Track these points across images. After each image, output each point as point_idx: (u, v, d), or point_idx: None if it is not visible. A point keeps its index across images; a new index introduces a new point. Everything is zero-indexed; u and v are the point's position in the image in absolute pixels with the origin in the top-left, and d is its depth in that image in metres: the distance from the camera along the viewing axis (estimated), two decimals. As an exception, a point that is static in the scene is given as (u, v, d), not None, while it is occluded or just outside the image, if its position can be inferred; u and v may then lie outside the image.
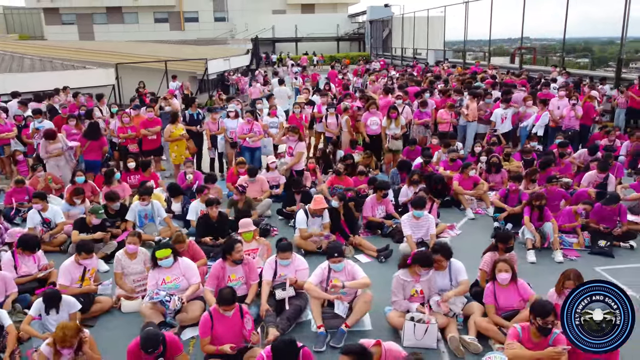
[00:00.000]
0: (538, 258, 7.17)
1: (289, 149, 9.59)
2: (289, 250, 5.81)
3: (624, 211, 7.67)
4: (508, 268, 5.26)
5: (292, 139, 9.50)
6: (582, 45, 46.77)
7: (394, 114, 10.37)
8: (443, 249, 5.64)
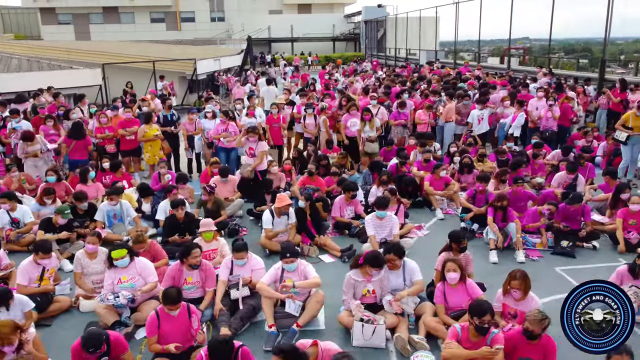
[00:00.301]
0: (500, 258, 7.22)
1: (249, 149, 9.33)
2: (244, 250, 5.86)
3: (588, 211, 7.72)
4: (456, 268, 5.31)
5: (252, 139, 9.24)
6: (582, 45, 46.78)
7: (368, 116, 10.34)
8: (395, 248, 5.68)
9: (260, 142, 9.36)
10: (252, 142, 9.29)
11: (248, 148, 9.35)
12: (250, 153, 9.34)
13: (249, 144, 9.34)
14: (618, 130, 10.21)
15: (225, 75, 24.09)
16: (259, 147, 9.26)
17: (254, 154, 9.30)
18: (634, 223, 7.49)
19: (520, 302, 5.13)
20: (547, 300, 6.16)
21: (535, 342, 4.34)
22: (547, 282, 6.60)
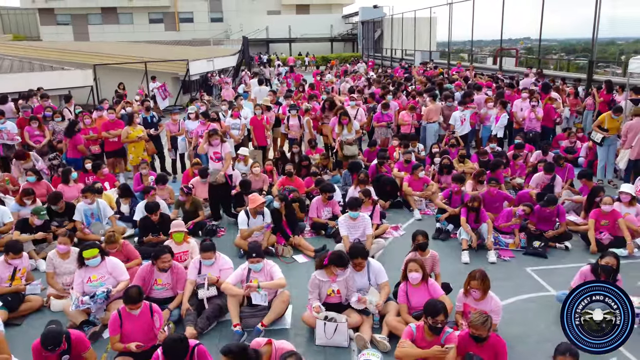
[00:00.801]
0: (472, 259, 7.29)
1: (214, 154, 8.64)
2: (211, 250, 5.93)
3: (563, 212, 7.77)
4: (418, 268, 5.37)
5: (215, 143, 8.60)
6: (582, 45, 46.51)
7: (345, 120, 10.22)
8: (358, 249, 5.74)
9: (224, 145, 8.77)
10: (215, 145, 8.68)
11: (212, 153, 8.70)
12: (216, 157, 8.72)
13: (212, 149, 8.69)
14: (594, 131, 10.27)
15: (219, 76, 24.14)
16: (224, 150, 8.71)
17: (220, 158, 8.72)
18: (606, 224, 7.54)
19: (480, 302, 5.19)
20: (514, 300, 6.24)
21: (483, 344, 4.39)
22: (516, 282, 6.67)
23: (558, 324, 5.51)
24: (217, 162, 8.71)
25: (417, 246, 5.99)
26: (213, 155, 8.72)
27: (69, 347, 4.56)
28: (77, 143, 10.56)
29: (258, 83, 18.01)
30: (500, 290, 6.39)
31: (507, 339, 5.34)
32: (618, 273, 5.79)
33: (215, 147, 8.66)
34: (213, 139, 8.64)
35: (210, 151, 8.73)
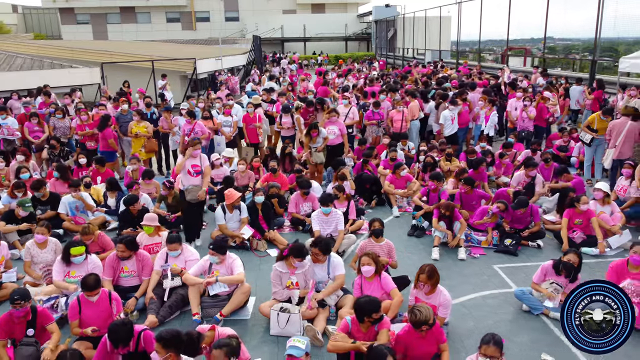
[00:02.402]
0: (443, 255, 7.36)
1: (193, 167, 7.60)
2: (176, 242, 6.13)
3: (536, 212, 7.80)
4: (370, 262, 5.48)
5: (195, 153, 7.59)
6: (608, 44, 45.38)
7: (315, 132, 9.99)
8: (320, 243, 5.88)
9: (203, 157, 7.77)
10: (195, 156, 7.62)
11: (191, 166, 7.59)
12: (194, 171, 7.61)
13: (192, 161, 7.60)
14: (583, 131, 10.23)
15: (227, 75, 24.45)
16: (204, 163, 7.72)
17: (199, 172, 7.64)
18: (579, 223, 7.55)
19: (430, 296, 5.29)
20: (474, 295, 6.32)
21: (424, 333, 4.50)
22: (481, 279, 6.73)
23: (512, 320, 5.71)
24: (195, 176, 7.63)
25: (371, 232, 6.15)
26: (191, 169, 7.61)
27: (33, 319, 4.84)
28: (107, 137, 10.91)
29: (269, 79, 18.26)
30: (464, 286, 6.54)
31: (458, 332, 5.53)
32: (579, 271, 5.85)
33: (194, 159, 7.61)
34: (195, 148, 7.59)
35: (188, 164, 7.62)
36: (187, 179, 7.66)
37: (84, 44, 30.10)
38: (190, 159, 7.60)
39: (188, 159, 7.59)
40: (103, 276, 6.07)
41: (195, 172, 7.62)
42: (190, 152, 7.57)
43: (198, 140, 7.75)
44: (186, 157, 7.59)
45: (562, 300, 5.70)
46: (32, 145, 11.38)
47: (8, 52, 21.29)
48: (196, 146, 7.58)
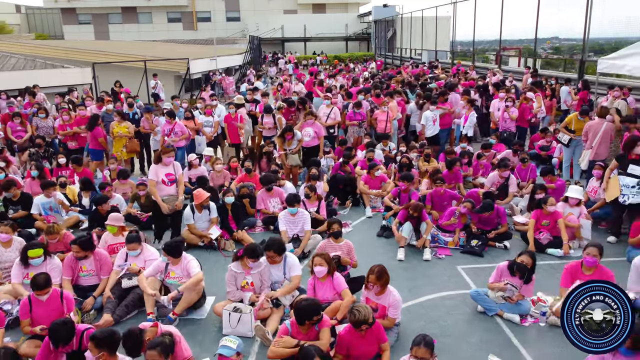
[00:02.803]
0: (408, 256, 7.38)
1: (167, 175, 7.38)
2: (134, 241, 6.17)
3: (503, 213, 7.80)
4: (323, 262, 5.51)
5: (168, 160, 7.37)
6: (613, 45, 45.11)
7: (289, 135, 10.05)
8: (274, 244, 5.91)
9: (176, 164, 7.53)
10: (168, 164, 7.37)
11: (165, 175, 7.34)
12: (169, 180, 7.35)
13: (165, 170, 7.33)
14: (561, 132, 10.20)
15: (221, 75, 24.51)
16: (178, 171, 7.48)
17: (174, 180, 7.40)
18: (546, 224, 7.53)
19: (380, 296, 5.30)
20: (433, 296, 6.32)
21: (364, 333, 4.52)
22: (442, 280, 6.73)
23: (466, 321, 5.70)
24: (170, 185, 7.40)
25: (330, 234, 6.18)
26: (165, 178, 7.33)
27: None
28: (98, 136, 10.99)
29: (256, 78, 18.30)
30: (425, 287, 6.54)
31: (412, 333, 5.46)
32: (533, 272, 5.85)
33: (167, 166, 7.34)
34: (168, 155, 7.34)
35: (162, 173, 7.32)
36: (161, 188, 7.39)
37: (79, 44, 30.26)
38: (164, 168, 7.38)
39: (161, 167, 7.38)
40: (63, 276, 6.14)
41: (170, 181, 7.43)
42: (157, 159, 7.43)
43: (171, 148, 7.53)
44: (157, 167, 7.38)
45: (516, 300, 5.73)
46: (14, 145, 11.47)
47: (3, 52, 21.43)
48: (169, 154, 7.37)
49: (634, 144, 7.53)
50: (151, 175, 7.45)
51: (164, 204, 7.35)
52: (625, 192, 7.44)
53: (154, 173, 7.41)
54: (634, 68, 9.29)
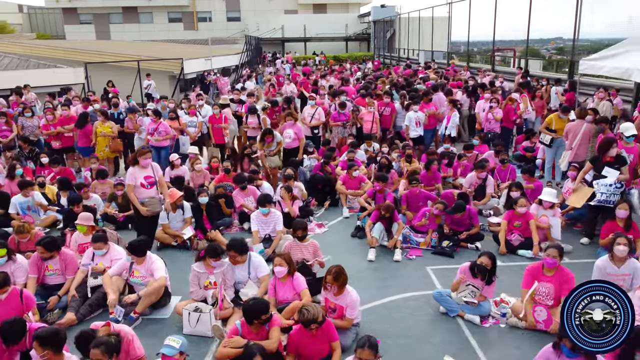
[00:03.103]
0: (380, 257, 7.40)
1: (146, 179, 7.10)
2: (100, 241, 6.21)
3: (475, 215, 7.79)
4: (283, 262, 5.53)
5: (145, 163, 7.07)
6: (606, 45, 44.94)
7: (269, 138, 9.96)
8: (235, 244, 5.94)
9: (155, 166, 7.26)
10: (146, 167, 7.09)
11: (144, 177, 7.05)
12: (148, 183, 7.08)
13: (143, 172, 7.07)
14: (542, 132, 10.19)
15: (215, 75, 24.58)
16: (157, 173, 7.24)
17: (153, 183, 7.15)
18: (518, 225, 7.53)
19: (338, 297, 5.32)
20: (397, 297, 6.34)
21: (314, 332, 4.55)
22: (410, 280, 6.74)
23: (428, 322, 5.72)
24: (149, 188, 7.10)
25: (294, 236, 6.22)
26: (144, 181, 7.03)
27: None
28: (89, 133, 11.10)
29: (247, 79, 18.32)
30: (391, 288, 6.56)
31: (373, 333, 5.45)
32: (494, 274, 5.85)
33: (145, 169, 7.08)
34: (145, 157, 7.01)
35: (140, 176, 7.03)
36: (140, 192, 7.07)
37: (75, 43, 30.37)
38: (142, 170, 7.06)
39: (139, 170, 7.04)
40: (29, 274, 6.17)
41: (149, 184, 7.11)
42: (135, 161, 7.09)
43: (147, 149, 7.19)
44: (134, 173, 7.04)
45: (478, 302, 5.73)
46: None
47: (-2, 51, 21.57)
48: (145, 156, 7.04)
49: (609, 147, 7.51)
50: (128, 180, 7.10)
51: (143, 207, 7.05)
52: (603, 191, 7.43)
53: (131, 177, 7.07)
54: (612, 69, 9.26)
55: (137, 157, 7.05)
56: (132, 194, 7.06)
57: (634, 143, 7.67)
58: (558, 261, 5.49)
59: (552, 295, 5.52)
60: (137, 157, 7.06)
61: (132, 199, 7.14)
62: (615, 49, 9.62)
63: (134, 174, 7.05)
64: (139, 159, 7.03)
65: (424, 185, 9.01)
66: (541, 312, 5.41)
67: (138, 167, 7.06)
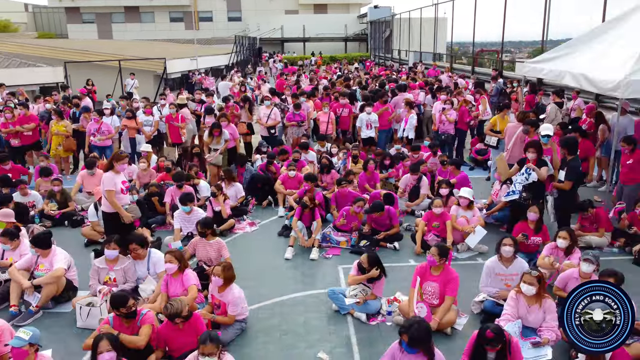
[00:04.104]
0: (297, 255, 7.54)
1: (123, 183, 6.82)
2: (4, 236, 6.40)
3: (394, 215, 7.89)
4: (172, 259, 5.64)
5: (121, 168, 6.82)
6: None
7: (217, 132, 10.17)
8: (136, 237, 6.11)
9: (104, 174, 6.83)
10: (122, 170, 6.85)
11: (122, 182, 6.81)
12: (127, 188, 6.90)
13: (120, 178, 6.79)
14: (488, 135, 10.24)
15: (200, 75, 24.80)
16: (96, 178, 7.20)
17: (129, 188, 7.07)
18: (437, 226, 7.62)
19: (222, 293, 5.46)
20: (298, 295, 6.47)
21: (181, 325, 4.76)
22: (317, 278, 6.88)
23: (317, 318, 5.84)
24: (127, 193, 6.93)
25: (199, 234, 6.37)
26: (122, 186, 6.77)
27: None
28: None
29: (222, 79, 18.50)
30: (296, 285, 6.72)
31: (262, 329, 5.67)
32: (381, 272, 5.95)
33: (94, 181, 6.94)
34: (120, 164, 6.75)
35: (118, 182, 6.71)
36: (120, 197, 6.73)
37: (63, 43, 30.70)
38: (118, 176, 6.75)
39: (116, 175, 6.70)
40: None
41: (127, 189, 6.90)
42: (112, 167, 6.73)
43: (125, 154, 6.91)
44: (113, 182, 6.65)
45: (362, 302, 5.83)
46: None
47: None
48: (122, 161, 6.75)
49: (527, 149, 7.58)
50: (109, 185, 6.63)
51: (127, 213, 6.77)
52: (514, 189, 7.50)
53: (111, 182, 6.65)
54: (549, 72, 9.27)
55: (114, 162, 6.71)
56: (114, 199, 6.67)
57: (551, 142, 7.72)
58: (437, 260, 5.58)
59: (438, 294, 5.62)
60: (114, 161, 6.72)
61: (114, 205, 6.69)
62: (556, 52, 9.64)
63: (113, 179, 6.66)
64: (115, 164, 6.70)
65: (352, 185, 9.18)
66: (421, 309, 5.51)
67: (114, 172, 6.71)
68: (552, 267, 6.11)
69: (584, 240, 7.54)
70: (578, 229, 7.66)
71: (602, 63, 8.06)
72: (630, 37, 8.01)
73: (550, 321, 5.07)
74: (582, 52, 9.00)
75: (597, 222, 7.58)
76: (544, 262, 6.21)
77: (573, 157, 7.30)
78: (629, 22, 8.49)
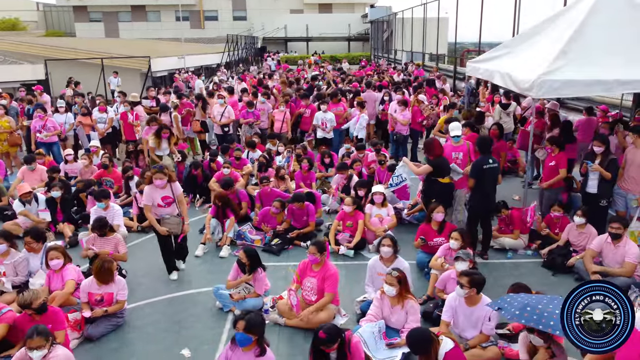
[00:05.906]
0: (210, 253, 7.64)
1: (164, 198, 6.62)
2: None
3: (312, 212, 7.90)
4: (59, 255, 5.79)
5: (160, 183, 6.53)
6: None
7: (166, 134, 10.02)
8: (32, 231, 6.24)
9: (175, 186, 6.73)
10: (159, 185, 6.52)
11: (161, 198, 6.58)
12: (166, 203, 6.62)
13: (161, 193, 6.57)
14: (436, 136, 10.15)
15: (187, 73, 24.96)
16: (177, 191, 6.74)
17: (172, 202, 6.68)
18: (350, 225, 7.60)
19: (104, 287, 5.56)
20: (190, 292, 6.54)
21: (37, 317, 4.80)
22: (218, 276, 6.79)
23: (197, 315, 5.87)
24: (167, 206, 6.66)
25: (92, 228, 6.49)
26: (162, 202, 6.59)
27: None
28: None
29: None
30: (193, 283, 6.74)
31: (137, 326, 5.72)
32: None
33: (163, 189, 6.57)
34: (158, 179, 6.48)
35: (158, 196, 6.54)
36: (158, 209, 6.62)
37: (53, 40, 31.04)
38: (159, 191, 6.55)
39: (155, 190, 6.51)
40: None
41: (167, 204, 6.64)
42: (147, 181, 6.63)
43: (161, 170, 6.60)
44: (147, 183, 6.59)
45: (237, 299, 5.84)
46: None
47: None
48: (159, 175, 6.48)
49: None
50: (146, 200, 6.57)
51: (161, 227, 6.57)
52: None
53: (148, 197, 6.54)
54: (485, 71, 9.16)
55: (153, 177, 6.52)
56: (150, 214, 6.62)
57: (462, 141, 7.69)
58: (318, 257, 5.57)
59: (316, 290, 5.60)
60: (153, 176, 6.52)
61: (149, 219, 6.71)
62: (495, 52, 9.50)
63: (151, 195, 6.54)
64: (153, 179, 6.51)
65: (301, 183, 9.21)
66: (292, 298, 5.55)
67: (152, 187, 6.55)
68: (443, 269, 6.05)
69: (497, 241, 7.48)
70: (496, 230, 7.61)
71: (527, 63, 7.94)
72: (555, 36, 7.87)
73: (411, 322, 5.05)
74: (517, 52, 8.87)
75: (511, 223, 7.50)
76: (436, 263, 6.17)
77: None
78: (560, 21, 8.34)
